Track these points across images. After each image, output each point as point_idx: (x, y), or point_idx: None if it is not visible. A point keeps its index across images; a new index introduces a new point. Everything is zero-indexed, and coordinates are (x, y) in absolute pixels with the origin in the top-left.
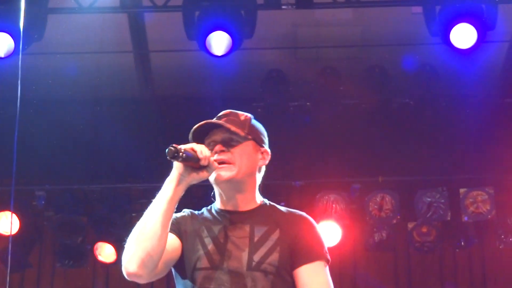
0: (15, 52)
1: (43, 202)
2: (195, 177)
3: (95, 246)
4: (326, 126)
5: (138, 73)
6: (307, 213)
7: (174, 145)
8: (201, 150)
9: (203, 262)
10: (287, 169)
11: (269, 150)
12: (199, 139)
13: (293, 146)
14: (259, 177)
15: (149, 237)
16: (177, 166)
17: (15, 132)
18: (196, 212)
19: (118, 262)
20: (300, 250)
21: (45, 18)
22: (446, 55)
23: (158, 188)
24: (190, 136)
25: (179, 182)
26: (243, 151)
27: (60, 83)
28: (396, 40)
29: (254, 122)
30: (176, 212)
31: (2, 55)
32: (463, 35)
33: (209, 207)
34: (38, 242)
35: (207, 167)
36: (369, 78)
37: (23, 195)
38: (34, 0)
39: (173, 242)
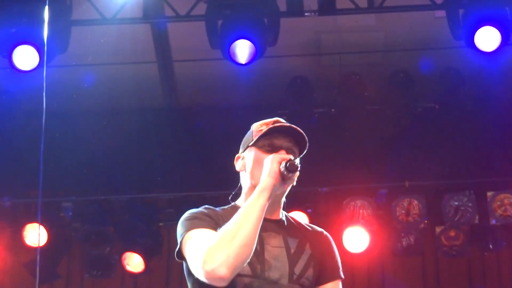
0: (40, 65)
1: (70, 213)
2: (285, 187)
3: (123, 256)
4: (351, 132)
5: (162, 83)
6: (334, 219)
7: (292, 158)
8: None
9: (245, 269)
10: (313, 175)
11: None
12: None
13: (318, 153)
14: None
15: (243, 243)
16: (274, 176)
17: (41, 145)
18: (217, 209)
19: (146, 271)
20: (327, 268)
21: (68, 30)
22: (470, 59)
23: (183, 197)
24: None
25: (272, 191)
26: None
27: (84, 95)
28: (420, 45)
29: None
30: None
31: (28, 69)
32: (487, 38)
33: (229, 206)
34: (66, 253)
35: (293, 178)
36: (393, 83)
37: (50, 207)
38: (57, 12)
39: None
